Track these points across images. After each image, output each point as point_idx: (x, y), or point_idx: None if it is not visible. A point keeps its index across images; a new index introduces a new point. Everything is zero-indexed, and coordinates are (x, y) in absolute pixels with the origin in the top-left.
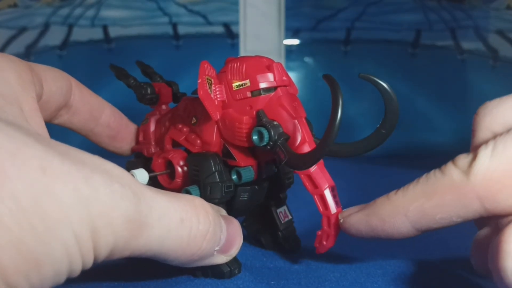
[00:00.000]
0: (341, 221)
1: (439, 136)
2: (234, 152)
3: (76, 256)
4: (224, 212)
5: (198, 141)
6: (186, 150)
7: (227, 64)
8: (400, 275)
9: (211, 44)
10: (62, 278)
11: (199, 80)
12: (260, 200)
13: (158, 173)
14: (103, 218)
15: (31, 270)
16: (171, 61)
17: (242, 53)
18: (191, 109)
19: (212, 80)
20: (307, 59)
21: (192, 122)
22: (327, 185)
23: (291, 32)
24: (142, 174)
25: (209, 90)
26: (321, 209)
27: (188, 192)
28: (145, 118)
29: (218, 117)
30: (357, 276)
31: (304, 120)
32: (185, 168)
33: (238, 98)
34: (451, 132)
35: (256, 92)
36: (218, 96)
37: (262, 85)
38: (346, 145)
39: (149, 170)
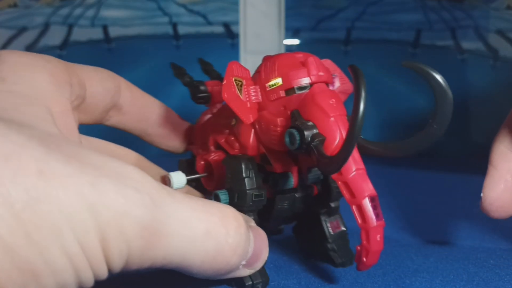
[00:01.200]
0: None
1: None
2: (271, 157)
3: (84, 266)
4: (252, 222)
5: (237, 144)
6: (227, 152)
7: (262, 63)
8: (400, 275)
9: (211, 44)
10: None
11: (224, 82)
12: (304, 208)
13: (195, 176)
14: (114, 226)
15: (28, 281)
16: (171, 61)
17: (242, 53)
18: (231, 110)
19: (244, 81)
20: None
21: (232, 123)
22: (366, 194)
23: (291, 32)
24: (178, 177)
25: (238, 92)
26: (359, 222)
27: (217, 196)
28: (200, 117)
29: (252, 120)
30: (357, 276)
31: (345, 118)
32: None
33: (272, 98)
34: (452, 131)
35: (290, 90)
36: (253, 97)
37: (295, 82)
38: (393, 144)
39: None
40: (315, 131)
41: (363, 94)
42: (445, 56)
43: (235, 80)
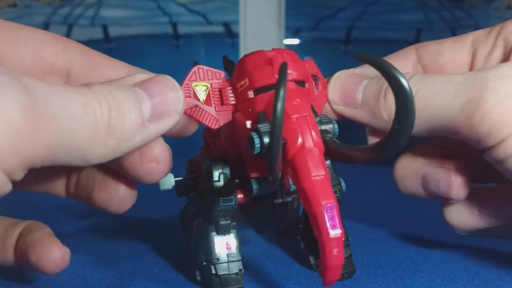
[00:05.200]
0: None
1: None
2: (247, 161)
3: None
4: (143, 76)
5: (218, 145)
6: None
7: (237, 63)
8: (400, 275)
9: (211, 43)
10: None
11: (181, 86)
12: (294, 215)
13: (184, 177)
14: None
15: None
16: (171, 61)
17: (242, 52)
18: None
19: (209, 86)
20: (307, 59)
21: None
22: (322, 203)
23: (291, 31)
24: (168, 179)
25: (200, 97)
26: (316, 234)
27: (190, 198)
28: None
29: (219, 125)
30: (358, 275)
31: (311, 119)
32: None
33: (242, 99)
34: None
35: (257, 91)
36: (230, 99)
37: (260, 82)
38: (361, 148)
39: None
40: None
41: (281, 94)
42: None
43: (196, 85)
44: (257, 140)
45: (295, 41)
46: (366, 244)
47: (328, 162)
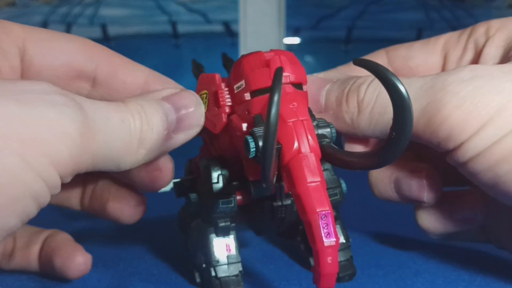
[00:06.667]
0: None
1: None
2: (246, 163)
3: (31, 176)
4: (170, 91)
5: (218, 147)
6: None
7: (234, 63)
8: (402, 276)
9: (210, 42)
10: (30, 205)
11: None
12: (294, 217)
13: (182, 178)
14: (50, 129)
15: None
16: (170, 60)
17: (242, 51)
18: None
19: (207, 92)
20: (307, 58)
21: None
22: (317, 210)
23: (292, 30)
24: None
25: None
26: (310, 241)
27: (188, 199)
28: None
29: (219, 129)
30: (359, 277)
31: (308, 123)
32: None
33: (238, 102)
34: None
35: (254, 93)
36: (227, 101)
37: (256, 84)
38: (358, 154)
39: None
40: None
41: (275, 99)
42: None
43: (200, 95)
44: (252, 144)
45: (295, 40)
46: (367, 245)
47: (328, 164)
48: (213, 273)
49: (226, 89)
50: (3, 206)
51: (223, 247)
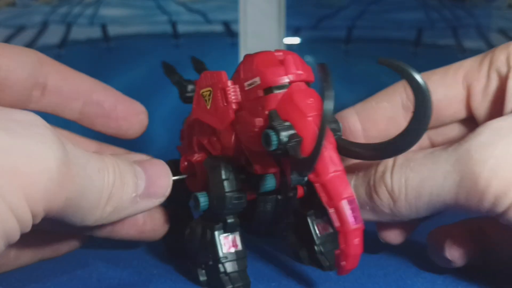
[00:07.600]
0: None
1: None
2: (252, 158)
3: (2, 209)
4: (141, 157)
5: (219, 144)
6: (210, 153)
7: (242, 62)
8: (402, 276)
9: (210, 43)
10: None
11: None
12: (289, 211)
13: (176, 177)
14: (30, 161)
15: None
16: (170, 60)
17: (242, 52)
18: None
19: (211, 89)
20: (307, 58)
21: None
22: (344, 197)
23: (292, 30)
24: None
25: (205, 104)
26: (337, 225)
27: (196, 198)
28: (187, 117)
29: (224, 125)
30: (359, 276)
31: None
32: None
33: (250, 98)
34: None
35: (268, 90)
36: (232, 97)
37: (273, 81)
38: (375, 146)
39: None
40: (292, 131)
41: (330, 94)
42: (446, 55)
43: (202, 92)
44: (274, 137)
45: (296, 40)
46: (367, 245)
47: None
48: (221, 269)
49: (233, 86)
50: None
51: (229, 243)
